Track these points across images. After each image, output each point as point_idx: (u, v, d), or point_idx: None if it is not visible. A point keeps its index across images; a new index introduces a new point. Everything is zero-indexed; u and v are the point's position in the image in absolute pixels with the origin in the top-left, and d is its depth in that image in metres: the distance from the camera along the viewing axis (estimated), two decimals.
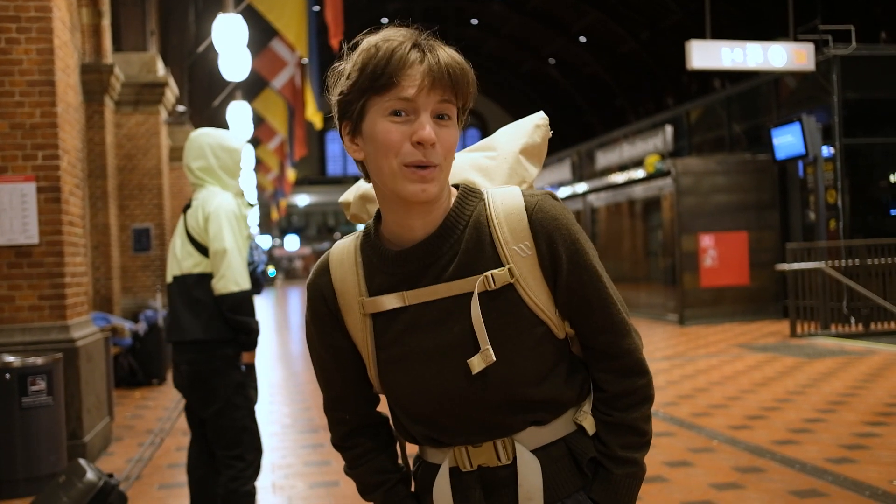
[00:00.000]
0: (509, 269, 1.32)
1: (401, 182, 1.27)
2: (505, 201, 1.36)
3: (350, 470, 1.49)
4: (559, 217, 1.35)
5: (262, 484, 4.96)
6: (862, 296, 10.89)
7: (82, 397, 5.44)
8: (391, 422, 1.50)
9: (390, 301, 1.34)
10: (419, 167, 1.26)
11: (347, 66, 1.31)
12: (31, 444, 4.85)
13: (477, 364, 1.30)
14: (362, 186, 1.56)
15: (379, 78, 1.26)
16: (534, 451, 1.36)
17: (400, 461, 1.51)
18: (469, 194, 1.37)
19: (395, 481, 1.46)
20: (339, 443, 1.49)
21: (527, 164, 1.50)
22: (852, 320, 11.05)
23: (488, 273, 1.31)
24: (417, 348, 1.34)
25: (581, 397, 1.42)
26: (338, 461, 5.38)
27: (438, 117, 1.28)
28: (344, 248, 1.41)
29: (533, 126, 1.54)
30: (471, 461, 1.37)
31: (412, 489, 1.49)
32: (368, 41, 1.31)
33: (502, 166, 1.48)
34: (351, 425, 1.47)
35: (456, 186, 1.40)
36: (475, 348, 1.31)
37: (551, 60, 34.15)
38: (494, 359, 1.30)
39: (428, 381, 1.34)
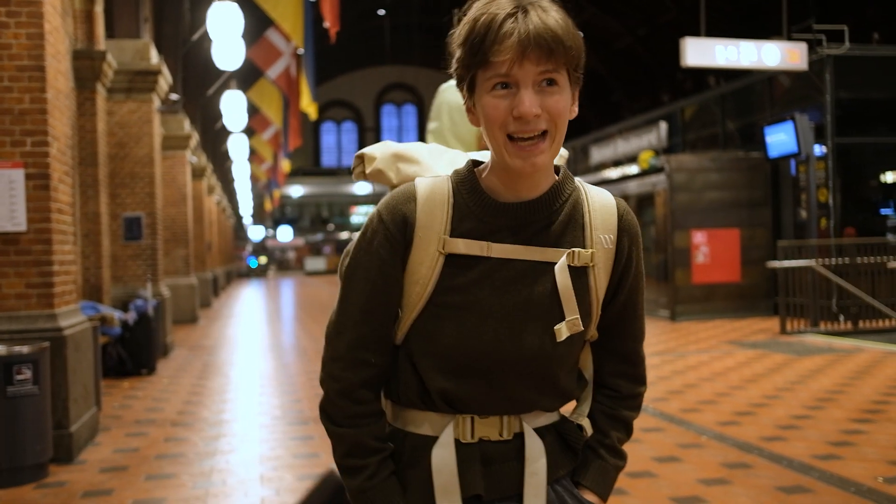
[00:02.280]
0: (592, 254, 1.37)
1: (508, 157, 1.30)
2: (600, 195, 1.42)
3: (345, 428, 1.38)
4: (638, 229, 1.45)
5: (251, 475, 4.96)
6: (851, 294, 10.94)
7: (69, 387, 5.41)
8: (392, 383, 1.44)
9: (473, 247, 1.34)
10: (523, 140, 1.28)
11: (456, 33, 1.33)
12: (16, 434, 4.82)
13: (564, 331, 1.34)
14: (392, 145, 1.58)
15: (476, 55, 1.28)
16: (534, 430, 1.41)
17: None
18: (568, 176, 1.41)
19: (389, 452, 1.41)
20: (348, 391, 1.38)
21: None
22: (841, 318, 11.10)
23: (575, 249, 1.36)
24: (482, 302, 1.33)
25: (575, 397, 1.49)
26: (327, 453, 5.37)
27: (546, 83, 1.28)
28: (435, 184, 1.38)
29: (558, 155, 1.62)
30: (473, 432, 1.36)
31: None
32: (474, 9, 1.31)
33: None
34: (371, 371, 1.39)
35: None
36: (552, 314, 1.34)
37: None
38: (583, 328, 1.36)
39: (484, 335, 1.33)
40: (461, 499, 1.35)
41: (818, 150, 12.58)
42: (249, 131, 26.77)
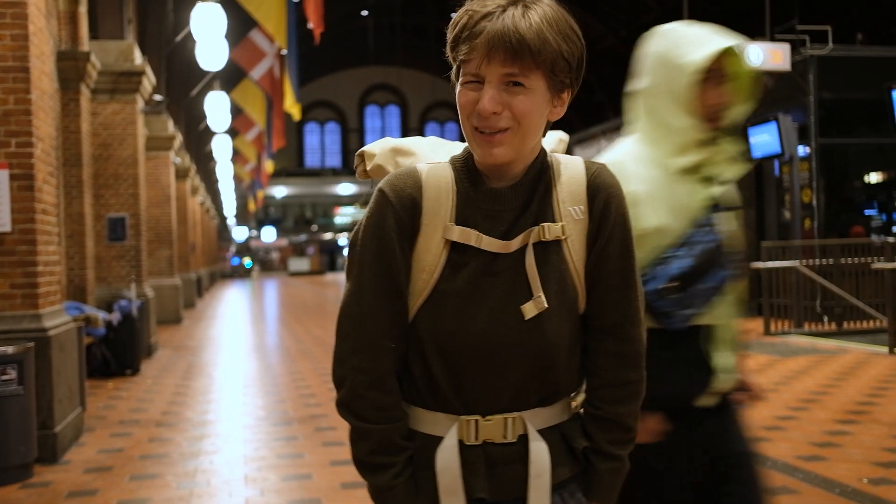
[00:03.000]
0: (562, 227, 1.37)
1: (473, 144, 1.36)
2: (568, 165, 1.43)
3: (373, 424, 1.36)
4: (616, 185, 1.42)
5: (235, 476, 4.95)
6: (835, 295, 11.02)
7: (54, 387, 5.38)
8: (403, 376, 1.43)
9: (468, 237, 1.36)
10: (486, 134, 1.32)
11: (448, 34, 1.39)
12: (1, 434, 4.78)
13: (529, 310, 1.34)
14: (391, 141, 1.60)
15: (454, 49, 1.35)
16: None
17: None
18: (541, 156, 1.42)
19: (412, 453, 1.40)
20: (378, 382, 1.37)
21: None
22: (825, 319, 11.18)
23: (544, 224, 1.36)
24: (478, 289, 1.35)
25: (578, 386, 1.48)
26: (311, 453, 5.37)
27: (512, 84, 1.31)
28: (440, 172, 1.40)
29: (557, 139, 1.65)
30: (477, 435, 1.36)
31: None
32: (468, 6, 1.35)
33: None
34: (393, 358, 1.38)
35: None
36: (528, 295, 1.35)
37: None
38: (546, 305, 1.35)
39: (478, 323, 1.35)
40: (465, 500, 1.36)
41: (802, 150, 12.68)
42: (233, 132, 26.66)
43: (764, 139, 12.44)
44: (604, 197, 1.39)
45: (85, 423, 6.41)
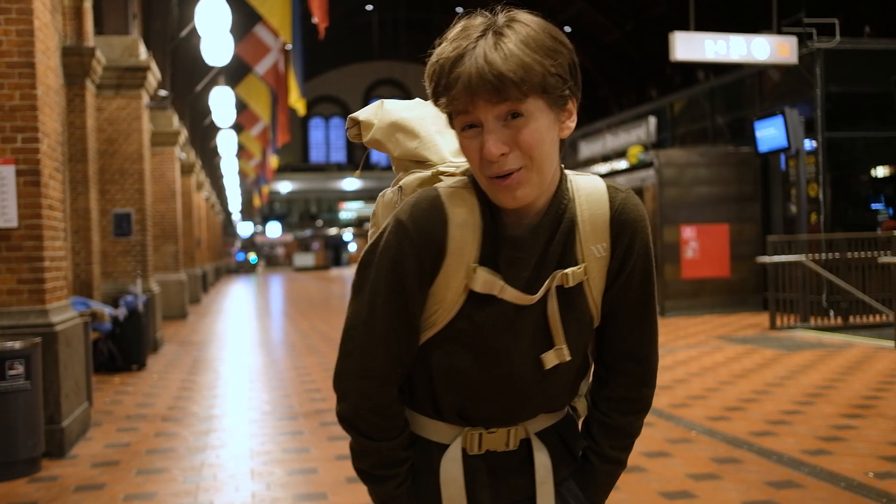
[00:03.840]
0: (585, 268, 1.34)
1: (493, 193, 1.27)
2: (591, 197, 1.35)
3: (377, 442, 1.36)
4: (641, 219, 1.36)
5: (241, 470, 4.96)
6: (841, 289, 11.00)
7: (60, 382, 5.40)
8: (406, 387, 1.44)
9: (490, 286, 1.30)
10: (501, 178, 1.24)
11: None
12: (9, 429, 4.81)
13: (550, 360, 1.34)
14: (391, 110, 1.51)
15: (439, 98, 1.25)
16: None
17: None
18: (563, 190, 1.34)
19: (412, 459, 1.42)
20: (381, 409, 1.36)
21: None
22: (831, 313, 11.16)
23: (568, 271, 1.32)
24: (494, 334, 1.33)
25: (584, 385, 1.50)
26: (317, 448, 5.38)
27: (512, 117, 1.22)
28: (465, 204, 1.31)
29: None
30: (481, 445, 1.38)
31: None
32: (439, 49, 1.26)
33: None
34: (398, 385, 1.38)
35: None
36: (548, 342, 1.34)
37: None
38: (569, 358, 1.34)
39: (490, 361, 1.33)
40: None
41: (808, 144, 12.63)
42: (238, 127, 26.69)
43: (770, 133, 12.40)
44: (629, 234, 1.35)
45: (92, 417, 6.43)
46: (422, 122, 1.48)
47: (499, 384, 1.35)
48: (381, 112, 1.51)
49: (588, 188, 1.35)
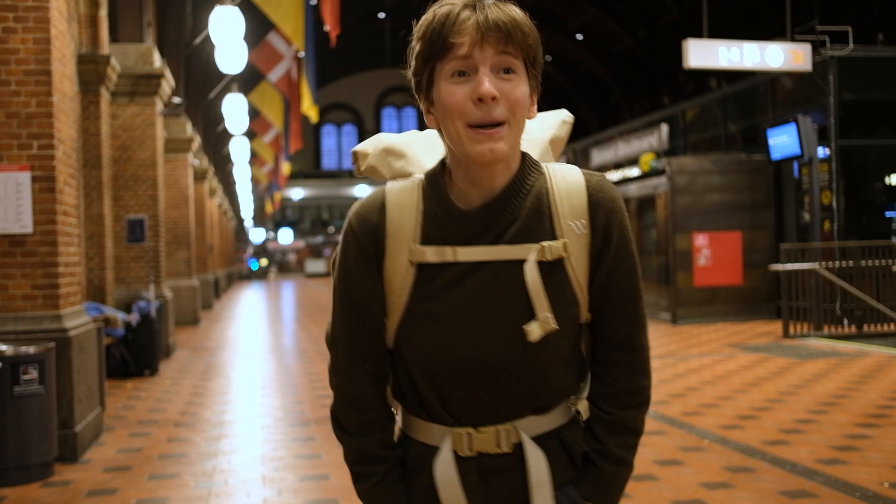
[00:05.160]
0: (564, 244, 1.34)
1: (468, 144, 1.28)
2: (566, 177, 1.38)
3: (354, 437, 1.40)
4: (617, 199, 1.38)
5: (252, 476, 4.97)
6: (855, 297, 10.93)
7: (74, 387, 5.43)
8: (392, 390, 1.45)
9: (441, 254, 1.33)
10: (484, 126, 1.27)
11: (414, 37, 1.34)
12: (23, 433, 4.84)
13: (535, 331, 1.31)
14: (384, 139, 1.55)
15: (436, 42, 1.28)
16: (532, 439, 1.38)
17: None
18: (532, 164, 1.38)
19: (396, 459, 1.42)
20: (352, 402, 1.40)
21: (552, 155, 1.55)
22: (845, 322, 11.08)
23: (546, 243, 1.33)
24: (459, 307, 1.32)
25: (579, 389, 1.45)
26: (328, 454, 5.39)
27: (504, 72, 1.28)
28: (405, 192, 1.38)
29: (560, 121, 1.58)
30: (471, 446, 1.36)
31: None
32: (429, 12, 1.33)
33: (533, 150, 1.48)
34: (370, 378, 1.40)
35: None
36: (526, 313, 1.31)
37: (547, 57, 34.08)
38: (556, 326, 1.31)
39: (465, 341, 1.32)
40: None
41: (821, 152, 12.58)
42: (250, 134, 26.81)
43: (783, 140, 12.36)
44: (606, 212, 1.36)
45: (104, 422, 6.46)
46: (409, 144, 1.52)
47: (476, 367, 1.33)
48: (375, 142, 1.56)
49: (563, 170, 1.39)
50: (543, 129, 1.55)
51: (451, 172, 1.36)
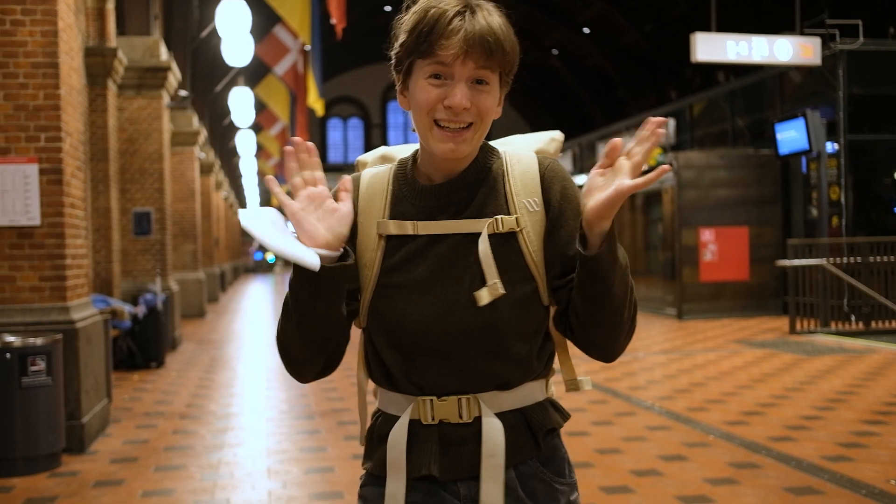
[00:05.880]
0: (516, 219, 1.41)
1: (433, 140, 1.38)
2: (521, 159, 1.48)
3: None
4: (568, 178, 1.48)
5: (257, 468, 4.98)
6: (863, 293, 10.89)
7: (81, 378, 5.45)
8: (365, 365, 1.51)
9: (402, 227, 1.43)
10: (451, 129, 1.36)
11: (404, 19, 1.40)
12: (31, 424, 4.86)
13: (485, 296, 1.36)
14: (381, 148, 1.64)
15: (422, 43, 1.35)
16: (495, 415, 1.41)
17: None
18: (490, 150, 1.49)
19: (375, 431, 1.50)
20: (291, 365, 1.56)
21: None
22: (853, 318, 11.05)
23: (498, 217, 1.41)
24: (420, 277, 1.41)
25: (544, 373, 1.48)
26: (333, 447, 5.40)
27: (477, 82, 1.37)
28: (377, 173, 1.50)
29: (549, 138, 1.63)
30: (433, 414, 1.40)
31: (367, 441, 1.51)
32: (423, 2, 1.38)
33: None
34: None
35: None
36: (480, 282, 1.38)
37: (554, 51, 34.05)
38: (503, 291, 1.36)
39: (425, 309, 1.39)
40: (407, 477, 1.40)
41: (830, 147, 12.52)
42: (257, 127, 26.79)
43: (791, 135, 12.32)
44: (559, 189, 1.44)
45: (111, 414, 6.49)
46: (400, 150, 1.60)
47: (436, 335, 1.38)
48: (374, 152, 1.64)
49: (518, 153, 1.49)
50: (529, 142, 1.61)
51: (419, 157, 1.47)
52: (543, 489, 1.42)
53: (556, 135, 1.62)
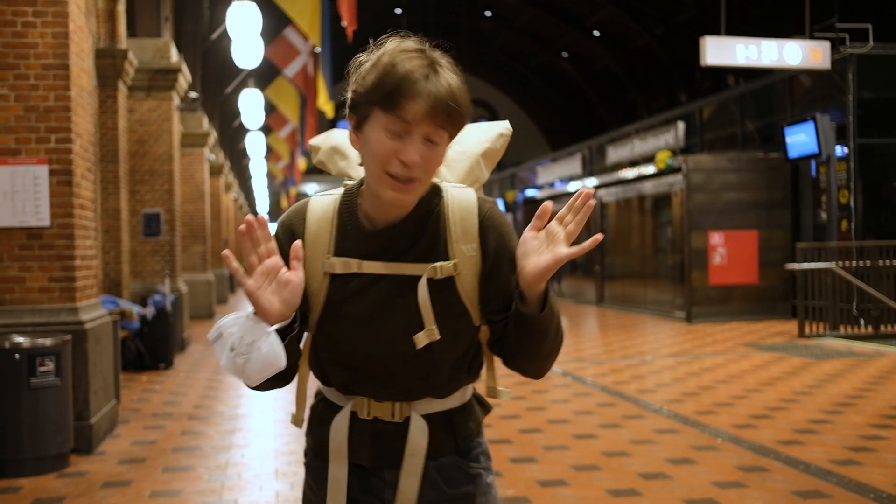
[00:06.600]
0: (454, 264, 1.50)
1: (382, 187, 1.44)
2: (461, 203, 1.54)
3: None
4: (505, 224, 1.56)
5: (265, 470, 4.99)
6: (872, 297, 10.84)
7: (89, 379, 5.47)
8: (309, 362, 1.62)
9: (347, 265, 1.51)
10: (400, 180, 1.42)
11: (366, 65, 1.44)
12: (39, 424, 4.89)
13: (422, 340, 1.48)
14: (334, 137, 1.71)
15: (387, 99, 1.39)
16: (423, 416, 1.56)
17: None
18: (433, 191, 1.54)
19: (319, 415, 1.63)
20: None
21: (483, 167, 1.69)
22: (862, 322, 11.00)
23: (437, 264, 1.49)
24: (364, 312, 1.51)
25: (474, 380, 1.63)
26: None
27: (430, 139, 1.42)
28: (324, 207, 1.56)
29: (497, 134, 1.71)
30: (369, 412, 1.55)
31: (308, 424, 1.65)
32: (389, 54, 1.42)
33: (463, 163, 1.66)
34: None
35: None
36: (418, 324, 1.48)
37: (564, 54, 34.03)
38: (438, 336, 1.48)
39: (366, 341, 1.51)
40: (348, 463, 1.55)
41: (840, 150, 12.47)
42: (266, 129, 26.86)
43: (801, 139, 12.27)
44: (497, 232, 1.53)
45: (119, 415, 6.51)
46: (352, 147, 1.65)
47: (375, 363, 1.51)
48: (328, 139, 1.73)
49: (460, 197, 1.55)
50: (478, 141, 1.68)
51: (364, 194, 1.53)
52: (459, 475, 1.58)
53: (505, 129, 1.70)
